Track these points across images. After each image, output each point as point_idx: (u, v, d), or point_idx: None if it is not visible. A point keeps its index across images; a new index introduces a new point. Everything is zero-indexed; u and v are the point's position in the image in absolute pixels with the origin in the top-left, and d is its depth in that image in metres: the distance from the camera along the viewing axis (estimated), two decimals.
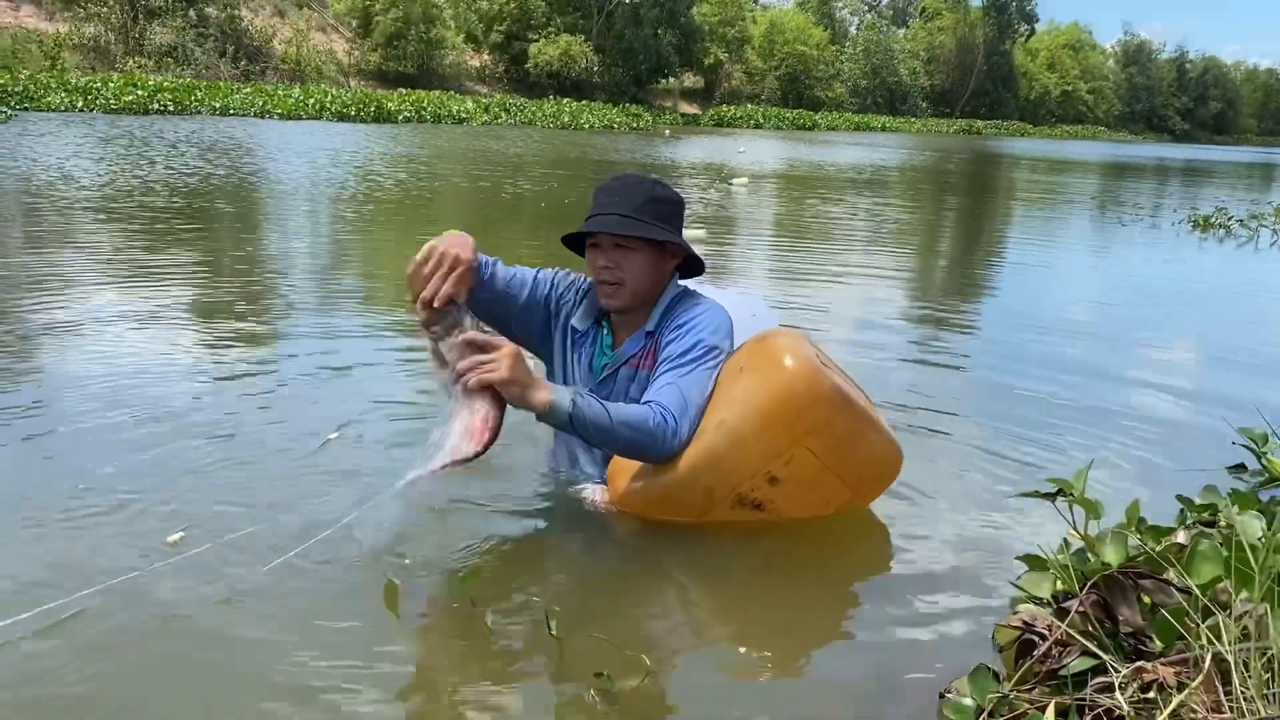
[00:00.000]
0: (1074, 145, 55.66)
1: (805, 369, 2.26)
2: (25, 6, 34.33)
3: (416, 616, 2.03)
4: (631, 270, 2.43)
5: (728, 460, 2.27)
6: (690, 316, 2.45)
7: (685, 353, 2.38)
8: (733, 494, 2.31)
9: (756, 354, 2.37)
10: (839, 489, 2.36)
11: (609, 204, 2.43)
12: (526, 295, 2.55)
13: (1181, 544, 1.95)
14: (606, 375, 2.53)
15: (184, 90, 26.97)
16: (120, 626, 1.92)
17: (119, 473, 2.67)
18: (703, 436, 2.29)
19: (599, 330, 2.58)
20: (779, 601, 2.23)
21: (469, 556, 2.28)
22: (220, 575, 2.12)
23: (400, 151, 17.46)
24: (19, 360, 3.74)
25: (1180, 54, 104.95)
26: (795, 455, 2.27)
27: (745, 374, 2.33)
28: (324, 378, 3.76)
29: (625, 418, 2.22)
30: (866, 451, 2.36)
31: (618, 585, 2.26)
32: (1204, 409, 3.86)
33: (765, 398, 2.25)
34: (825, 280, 6.64)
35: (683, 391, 2.31)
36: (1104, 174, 25.92)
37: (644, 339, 2.50)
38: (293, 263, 6.45)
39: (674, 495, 2.34)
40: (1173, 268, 8.91)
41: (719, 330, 2.44)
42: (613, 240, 2.42)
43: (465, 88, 43.78)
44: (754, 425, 2.25)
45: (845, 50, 68.21)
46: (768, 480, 2.29)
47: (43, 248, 6.25)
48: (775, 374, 2.27)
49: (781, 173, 18.47)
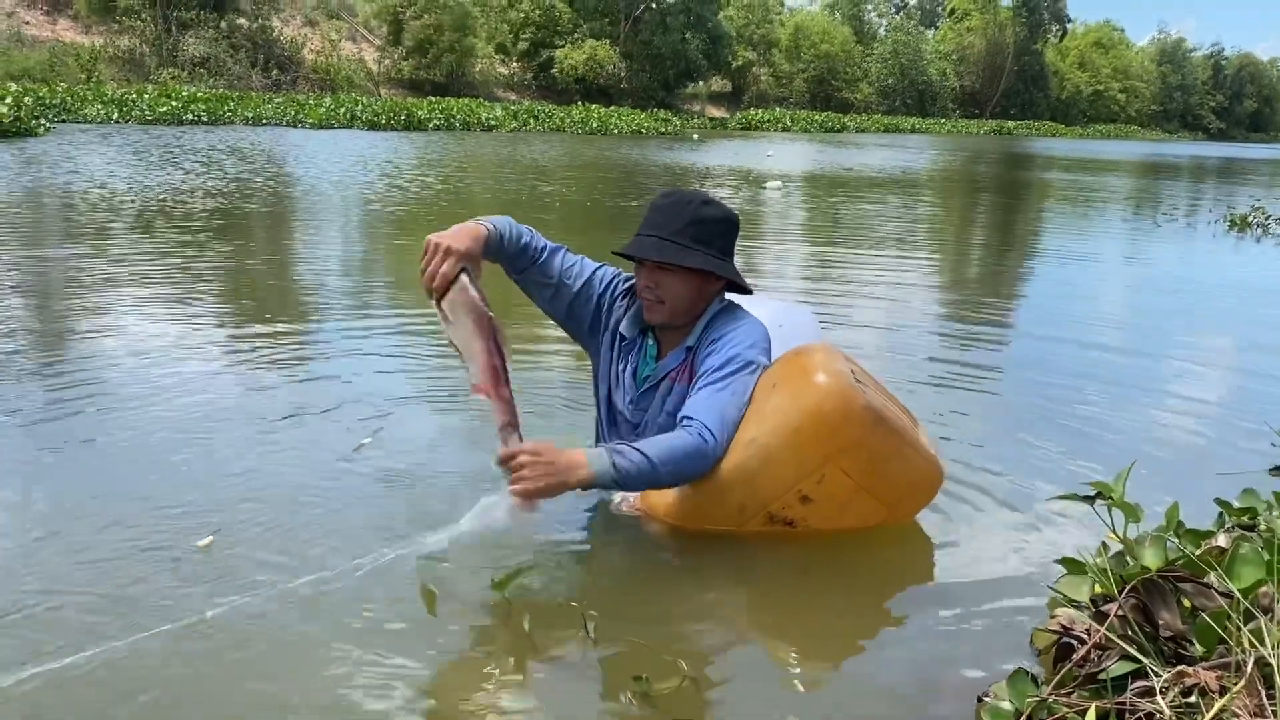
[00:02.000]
0: (1107, 144, 55.06)
1: (837, 386, 2.23)
2: (62, 20, 34.95)
3: (454, 619, 2.05)
4: (670, 291, 2.43)
5: (759, 478, 2.27)
6: (727, 331, 2.45)
7: (721, 367, 2.38)
8: (764, 511, 2.31)
9: (789, 370, 2.35)
10: (874, 508, 2.34)
11: (653, 225, 2.45)
12: (581, 287, 2.57)
13: (1221, 547, 1.94)
14: (648, 387, 2.54)
15: (217, 100, 27.34)
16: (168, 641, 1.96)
17: (151, 477, 2.72)
18: (734, 453, 2.28)
19: (644, 340, 2.58)
20: (815, 606, 2.23)
21: (504, 561, 2.29)
22: (257, 582, 2.16)
23: (431, 158, 17.57)
24: (56, 366, 3.81)
25: (1215, 51, 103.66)
26: (828, 474, 2.26)
27: (777, 390, 2.31)
28: (358, 381, 3.80)
29: (667, 455, 2.22)
30: (903, 471, 2.33)
31: (653, 589, 2.27)
32: (1241, 411, 3.82)
33: (796, 415, 2.23)
34: (858, 282, 6.61)
35: (719, 406, 2.32)
36: (1138, 173, 25.64)
37: (684, 354, 2.50)
38: (326, 267, 6.52)
39: (705, 510, 2.34)
40: (1209, 268, 8.81)
41: (756, 344, 2.44)
42: (654, 262, 2.44)
43: (494, 95, 44.01)
44: (785, 443, 2.23)
45: (873, 51, 67.93)
46: (800, 499, 2.29)
47: (81, 257, 6.35)
48: (806, 391, 2.25)
49: (811, 176, 18.41)
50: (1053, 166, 27.01)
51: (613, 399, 2.63)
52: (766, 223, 10.37)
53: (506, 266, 2.51)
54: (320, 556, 2.25)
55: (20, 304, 4.95)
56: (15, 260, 6.09)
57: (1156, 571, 1.82)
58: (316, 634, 1.97)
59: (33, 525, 2.42)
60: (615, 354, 2.61)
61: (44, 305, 4.97)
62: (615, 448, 2.21)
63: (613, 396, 2.63)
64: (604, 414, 2.70)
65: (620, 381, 2.60)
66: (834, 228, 10.35)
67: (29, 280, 5.60)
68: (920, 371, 4.28)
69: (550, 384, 3.84)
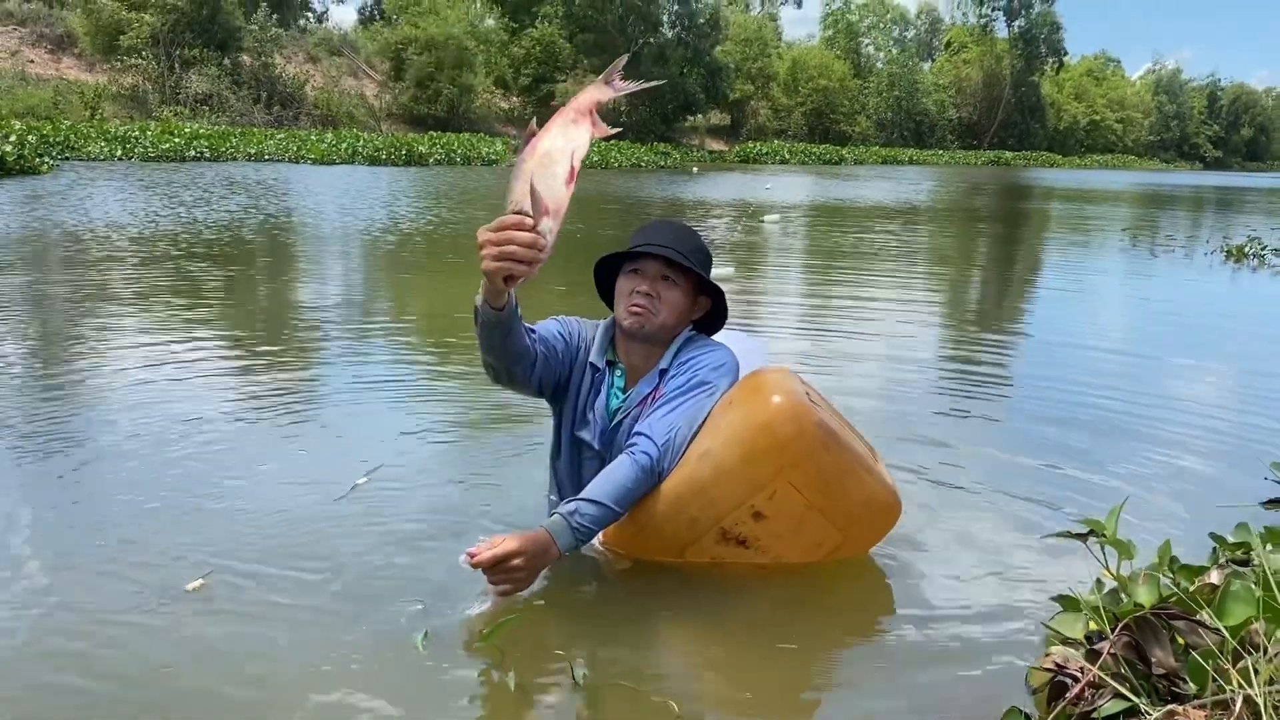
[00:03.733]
0: (1104, 174, 55.34)
1: (789, 402, 2.28)
2: (66, 59, 35.31)
3: (443, 669, 2.03)
4: (669, 302, 2.48)
5: (711, 489, 2.30)
6: (696, 355, 2.51)
7: (680, 387, 2.44)
8: (716, 526, 2.33)
9: (745, 389, 2.41)
10: (828, 531, 2.36)
11: (662, 238, 2.48)
12: (560, 347, 2.56)
13: (1214, 584, 1.95)
14: (622, 418, 2.56)
15: (219, 137, 27.55)
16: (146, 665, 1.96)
17: (144, 517, 2.73)
18: (687, 465, 2.33)
19: (611, 373, 2.60)
20: (806, 644, 2.22)
21: (485, 605, 2.26)
22: (243, 617, 2.17)
23: (430, 192, 17.67)
24: (55, 401, 3.83)
25: (1211, 81, 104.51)
26: (778, 490, 2.28)
27: (733, 407, 2.36)
28: (355, 421, 3.81)
29: (616, 492, 2.27)
30: (856, 492, 2.36)
31: (638, 631, 2.25)
32: (1237, 442, 3.83)
33: (750, 428, 2.28)
34: (854, 315, 6.64)
35: (669, 424, 2.37)
36: (1135, 203, 25.75)
37: (656, 378, 2.53)
38: (325, 303, 6.55)
39: (659, 526, 2.36)
40: (1205, 299, 8.83)
41: (720, 368, 2.49)
42: (660, 270, 2.48)
43: (495, 129, 44.30)
44: (737, 455, 2.27)
45: (870, 84, 68.46)
46: (752, 515, 2.31)
47: (83, 293, 6.39)
48: (761, 407, 2.30)
49: (809, 209, 18.51)
50: (1051, 197, 27.15)
51: (579, 437, 2.61)
52: (764, 256, 10.42)
53: (506, 334, 2.30)
54: (312, 602, 2.26)
55: (19, 341, 4.98)
56: (15, 296, 6.13)
57: (1149, 609, 1.83)
58: (296, 678, 1.97)
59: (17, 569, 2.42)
60: (588, 386, 2.60)
61: (43, 341, 5.00)
62: (568, 510, 2.23)
63: (578, 434, 2.61)
64: (566, 456, 2.66)
65: (589, 416, 2.59)
66: (830, 261, 10.39)
67: (29, 316, 5.63)
68: (915, 406, 4.29)
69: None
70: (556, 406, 2.67)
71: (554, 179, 1.93)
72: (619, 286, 2.54)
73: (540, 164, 1.93)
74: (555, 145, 1.95)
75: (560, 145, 1.95)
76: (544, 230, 1.92)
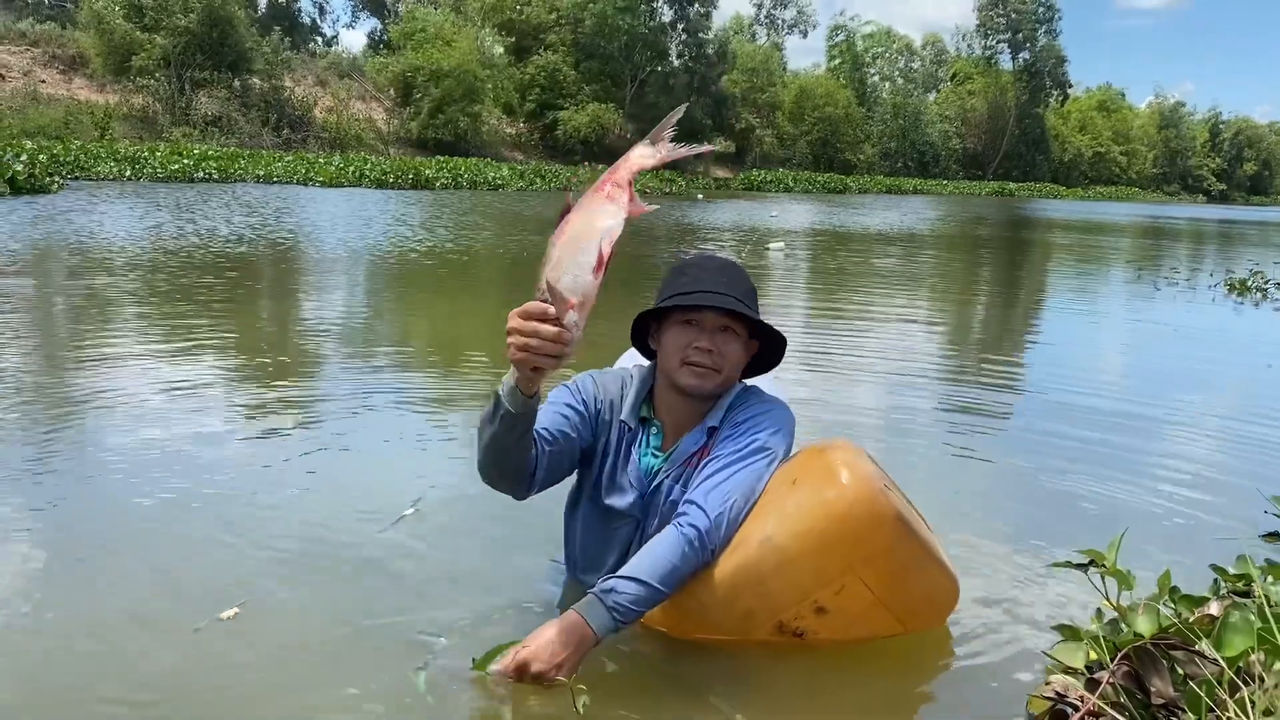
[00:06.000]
0: (1108, 206, 55.52)
1: (867, 490, 2.06)
2: (77, 79, 35.61)
3: (442, 698, 2.02)
4: (730, 356, 2.23)
5: (772, 582, 2.08)
6: (754, 414, 2.26)
7: (737, 451, 2.19)
8: (774, 620, 2.13)
9: (812, 466, 2.16)
10: (888, 623, 2.17)
11: (716, 283, 2.21)
12: (574, 433, 2.29)
13: (1214, 615, 1.97)
14: (661, 480, 2.30)
15: (228, 158, 27.75)
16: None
17: (175, 547, 2.74)
18: (745, 551, 2.09)
19: (646, 430, 2.34)
20: (804, 672, 2.20)
21: (488, 635, 2.24)
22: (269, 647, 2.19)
23: (440, 217, 17.77)
24: (69, 429, 3.85)
25: (1213, 114, 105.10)
26: (847, 585, 2.09)
27: (799, 488, 2.12)
28: (394, 448, 3.81)
29: (663, 569, 2.04)
30: (923, 585, 2.18)
31: (637, 660, 2.23)
32: (1236, 477, 3.85)
33: (820, 517, 2.06)
34: (857, 344, 6.68)
35: (724, 494, 2.13)
36: (1139, 236, 25.84)
37: (705, 435, 2.28)
38: (342, 327, 6.60)
39: (709, 617, 2.15)
40: (1208, 333, 8.86)
41: (779, 432, 2.25)
42: (720, 321, 2.21)
43: (500, 154, 44.57)
44: (806, 547, 2.06)
45: (875, 113, 68.89)
46: (814, 610, 2.11)
47: (92, 315, 6.44)
48: (833, 492, 2.06)
49: (815, 237, 18.59)
50: (1054, 229, 27.24)
51: (609, 504, 2.34)
52: (770, 282, 10.47)
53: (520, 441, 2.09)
54: (337, 633, 2.27)
55: (33, 362, 5.02)
56: (26, 313, 6.18)
57: (1149, 639, 1.85)
58: (304, 705, 1.99)
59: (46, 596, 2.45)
60: (615, 449, 2.34)
61: (54, 362, 5.03)
62: (603, 588, 2.01)
63: (608, 501, 2.34)
64: (594, 524, 2.40)
65: (620, 481, 2.33)
66: (835, 289, 10.45)
67: (41, 335, 5.67)
68: (917, 436, 4.31)
69: None
70: (585, 469, 2.41)
71: (581, 268, 1.79)
72: (670, 339, 2.24)
73: (568, 249, 1.79)
74: (586, 229, 1.80)
75: (591, 228, 1.79)
76: (569, 324, 1.80)
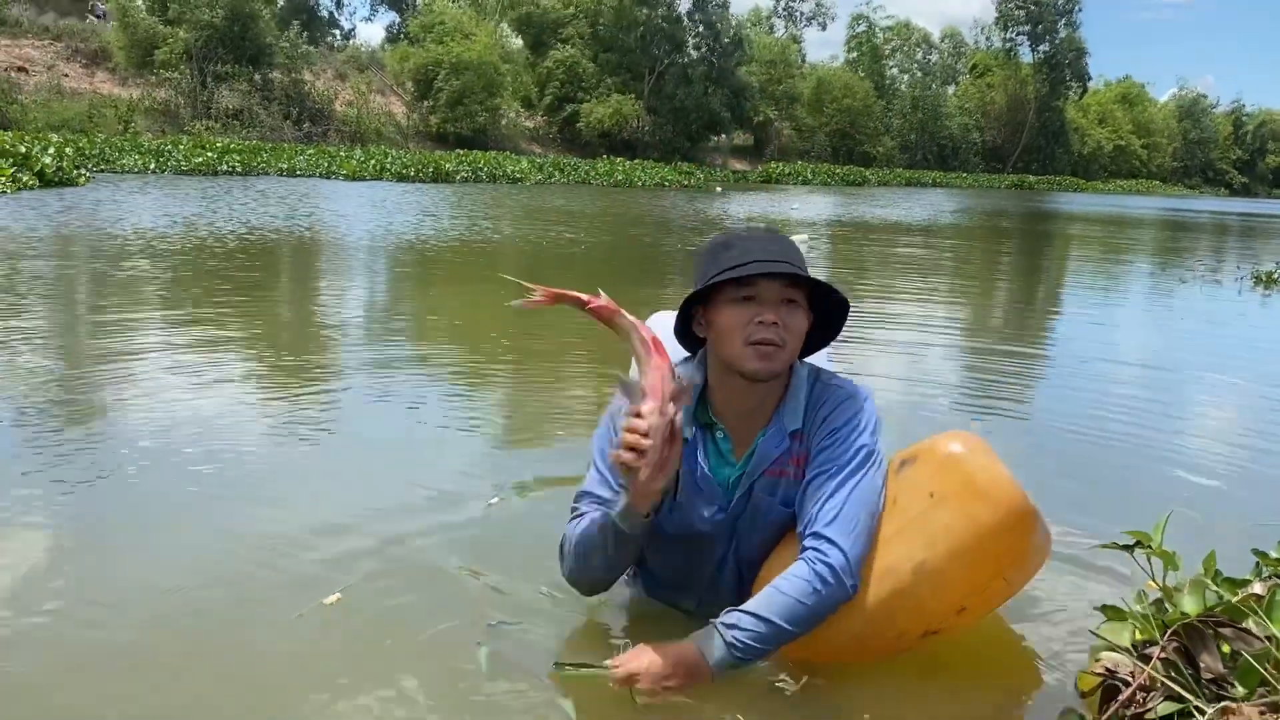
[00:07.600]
0: (1129, 199, 55.09)
1: (1012, 499, 2.01)
2: (100, 73, 35.86)
3: (505, 681, 2.05)
4: (795, 330, 2.01)
5: (929, 602, 2.04)
6: (843, 412, 2.07)
7: (844, 463, 2.02)
8: (922, 631, 2.10)
9: (949, 478, 2.06)
10: (1006, 596, 2.16)
11: (769, 251, 1.99)
12: None
13: (1258, 594, 2.00)
14: (744, 490, 2.10)
15: (251, 152, 27.91)
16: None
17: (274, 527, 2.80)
18: (898, 578, 2.02)
19: (709, 436, 2.13)
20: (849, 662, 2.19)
21: (552, 632, 2.27)
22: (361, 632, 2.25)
23: (463, 209, 17.85)
24: (119, 426, 3.90)
25: (1236, 107, 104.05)
26: (991, 586, 2.08)
27: (941, 505, 2.04)
28: (467, 438, 3.88)
29: (793, 609, 1.90)
30: (1040, 563, 2.18)
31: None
32: (1269, 463, 3.88)
33: (973, 536, 2.00)
34: (884, 329, 6.70)
35: (850, 517, 1.98)
36: (1162, 229, 25.68)
37: (787, 440, 2.08)
38: (419, 320, 6.68)
39: (867, 644, 2.09)
40: (1237, 323, 8.84)
41: (874, 423, 2.09)
42: (781, 293, 1.99)
43: (520, 148, 44.62)
44: (958, 566, 2.02)
45: (894, 106, 68.56)
46: (957, 611, 2.09)
47: (120, 307, 6.53)
48: (981, 508, 2.00)
49: (837, 228, 18.57)
50: (1075, 221, 27.09)
51: (685, 524, 2.13)
52: None
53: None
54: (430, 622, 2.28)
55: (73, 360, 5.08)
56: (65, 313, 6.27)
57: (1196, 617, 1.89)
58: (361, 685, 2.02)
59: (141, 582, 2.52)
60: (679, 469, 2.02)
61: (86, 357, 5.13)
62: (725, 622, 1.89)
63: (683, 522, 2.13)
64: (675, 549, 2.19)
65: (695, 499, 2.11)
66: (860, 277, 10.46)
67: (79, 334, 5.76)
68: (948, 420, 4.35)
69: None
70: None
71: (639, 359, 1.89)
72: (726, 320, 1.99)
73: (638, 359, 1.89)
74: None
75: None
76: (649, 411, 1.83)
